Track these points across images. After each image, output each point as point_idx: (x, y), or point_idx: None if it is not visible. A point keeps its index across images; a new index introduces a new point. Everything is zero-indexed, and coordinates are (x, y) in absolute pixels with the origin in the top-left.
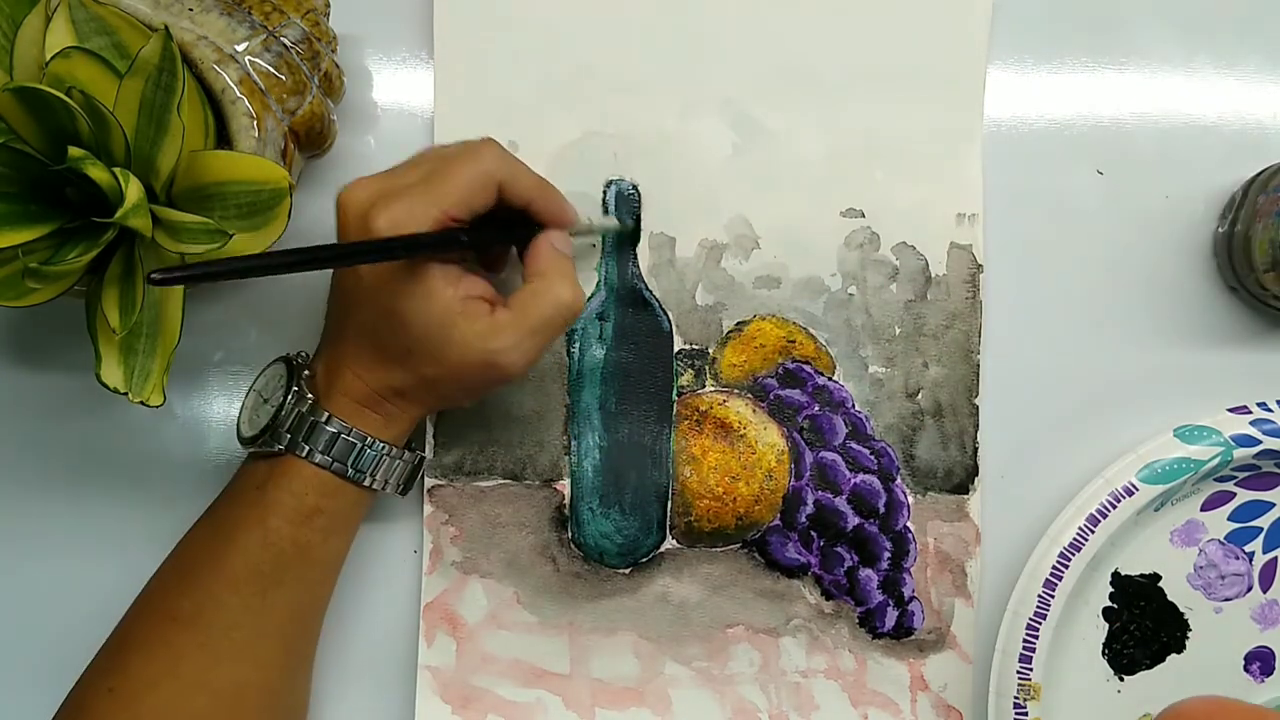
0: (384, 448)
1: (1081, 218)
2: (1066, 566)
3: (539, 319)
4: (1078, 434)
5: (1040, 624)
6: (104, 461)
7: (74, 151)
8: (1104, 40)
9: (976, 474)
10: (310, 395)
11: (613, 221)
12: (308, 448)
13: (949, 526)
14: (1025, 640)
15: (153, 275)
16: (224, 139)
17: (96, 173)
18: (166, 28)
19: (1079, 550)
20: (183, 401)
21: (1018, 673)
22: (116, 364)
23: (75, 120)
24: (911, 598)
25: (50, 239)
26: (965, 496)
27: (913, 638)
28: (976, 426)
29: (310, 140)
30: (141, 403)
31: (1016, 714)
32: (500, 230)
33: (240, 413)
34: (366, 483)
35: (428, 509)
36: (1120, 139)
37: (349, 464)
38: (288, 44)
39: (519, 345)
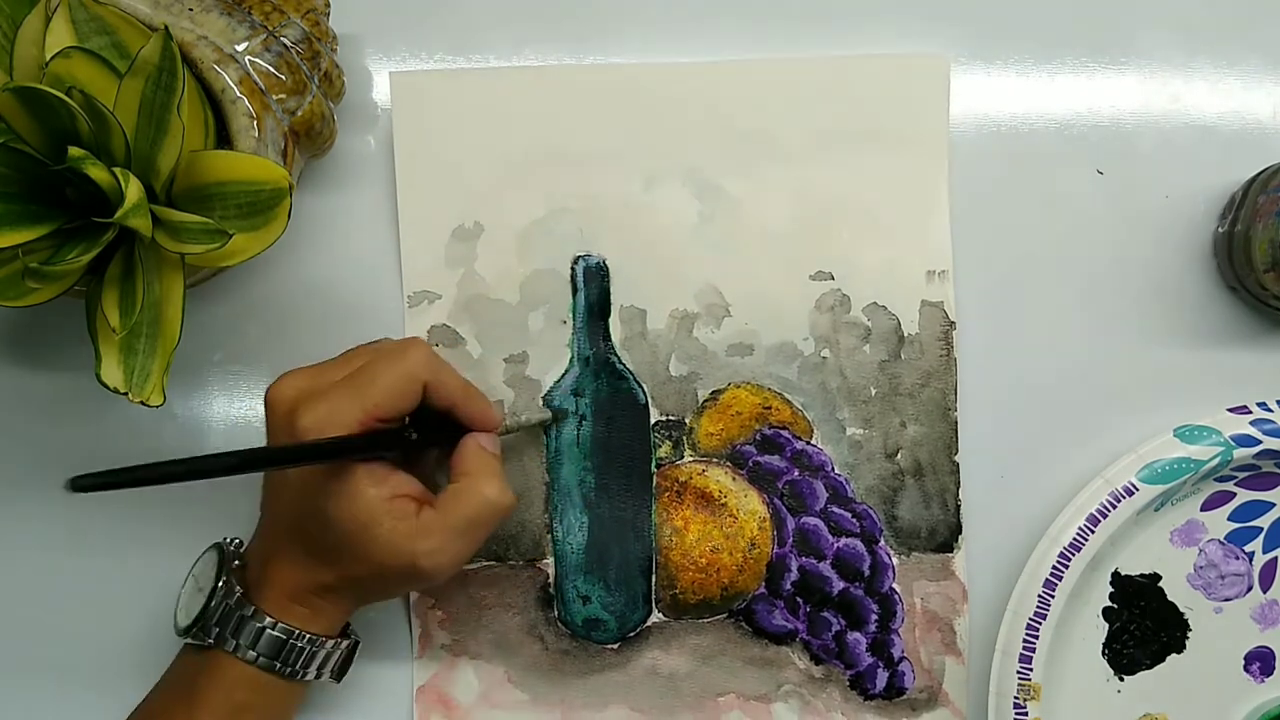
0: (314, 640)
1: (1081, 218)
2: (1066, 566)
3: (465, 519)
4: (1078, 434)
5: (1040, 624)
6: (104, 461)
7: (74, 151)
8: (1104, 40)
9: (960, 532)
10: (239, 588)
11: (541, 414)
12: (235, 642)
13: (935, 586)
14: (1025, 640)
15: (73, 480)
16: (224, 139)
17: (96, 173)
18: (166, 28)
19: (1079, 550)
20: (183, 401)
21: (1018, 673)
22: (116, 364)
23: (75, 120)
24: (901, 658)
25: (50, 239)
26: (950, 555)
27: (904, 698)
28: (958, 484)
29: (310, 140)
30: (141, 403)
31: (1016, 714)
32: (426, 433)
33: (178, 598)
34: (297, 677)
35: (413, 594)
36: (1120, 139)
37: (278, 659)
38: (288, 44)
39: (444, 547)
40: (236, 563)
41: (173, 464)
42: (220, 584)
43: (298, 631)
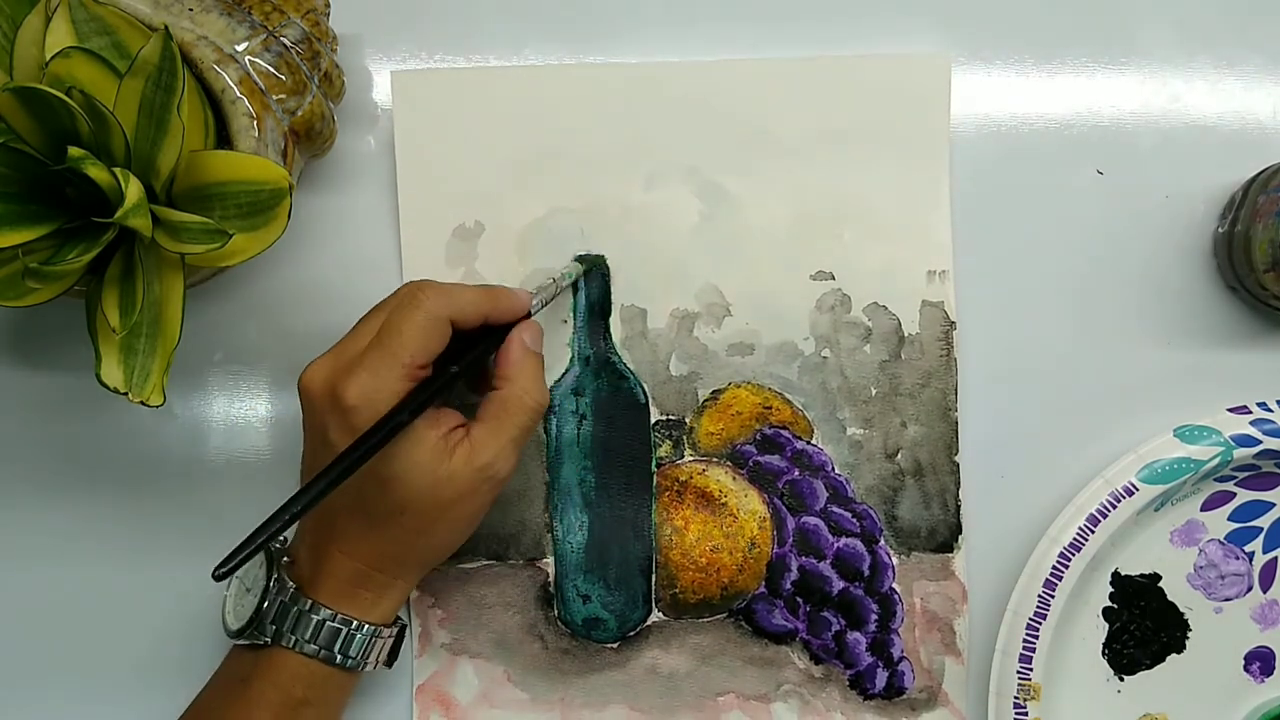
0: (373, 630)
1: (1081, 218)
2: (1066, 566)
3: (513, 426)
4: (1078, 434)
5: (1040, 624)
6: (104, 461)
7: (74, 151)
8: (1104, 40)
9: (960, 532)
10: (292, 583)
11: (573, 267)
12: (294, 638)
13: (935, 586)
14: (1025, 640)
15: (216, 572)
16: (224, 139)
17: (96, 173)
18: (166, 28)
19: (1079, 550)
20: (183, 401)
21: (1018, 673)
22: (116, 364)
23: (75, 120)
24: (901, 658)
25: (50, 239)
26: (950, 555)
27: (904, 697)
28: (958, 484)
29: (310, 140)
30: (141, 403)
31: (1016, 714)
32: (477, 348)
33: (224, 602)
34: (358, 668)
35: (414, 593)
36: (1120, 139)
37: (337, 651)
38: (288, 44)
39: (501, 453)
40: (286, 558)
41: (282, 511)
42: (272, 583)
43: (357, 622)
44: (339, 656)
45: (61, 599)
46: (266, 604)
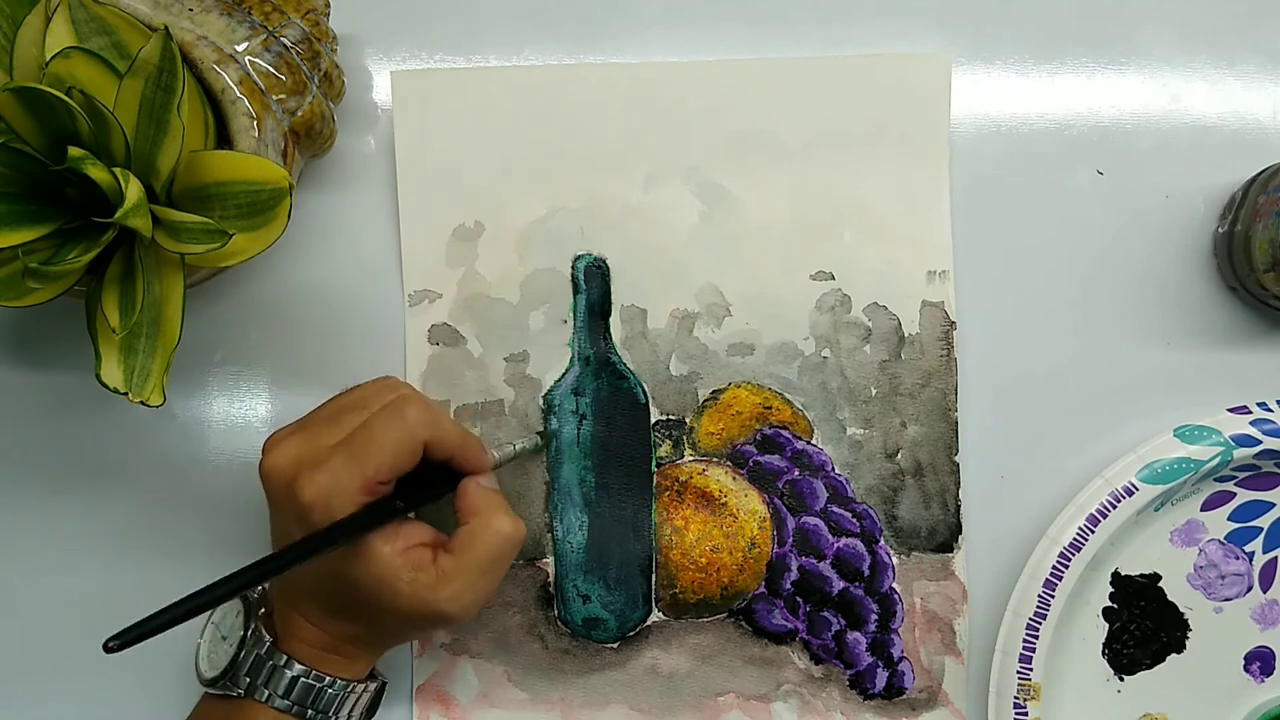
0: (346, 686)
1: (1081, 218)
2: (1066, 566)
3: (484, 558)
4: (1078, 434)
5: (1040, 624)
6: (104, 461)
7: (74, 151)
8: (1104, 40)
9: (960, 532)
10: (269, 636)
11: (529, 441)
12: (268, 692)
13: (935, 585)
14: (1025, 640)
15: (109, 643)
16: (224, 139)
17: (96, 173)
18: (166, 28)
19: (1079, 550)
20: (183, 401)
21: (1018, 673)
22: (116, 364)
23: (75, 120)
24: (901, 658)
25: (50, 239)
26: (950, 555)
27: (904, 697)
28: (958, 484)
29: (310, 140)
30: (141, 403)
31: (1016, 714)
32: (426, 485)
33: (198, 648)
34: None
35: None
36: (1120, 139)
37: (309, 706)
38: (288, 44)
39: (467, 589)
40: (262, 610)
41: (195, 596)
42: (249, 633)
43: (330, 678)
44: (310, 712)
45: (61, 599)
46: (243, 654)
